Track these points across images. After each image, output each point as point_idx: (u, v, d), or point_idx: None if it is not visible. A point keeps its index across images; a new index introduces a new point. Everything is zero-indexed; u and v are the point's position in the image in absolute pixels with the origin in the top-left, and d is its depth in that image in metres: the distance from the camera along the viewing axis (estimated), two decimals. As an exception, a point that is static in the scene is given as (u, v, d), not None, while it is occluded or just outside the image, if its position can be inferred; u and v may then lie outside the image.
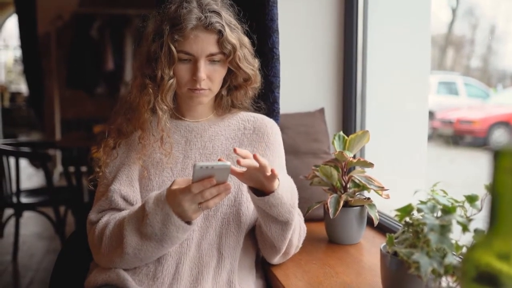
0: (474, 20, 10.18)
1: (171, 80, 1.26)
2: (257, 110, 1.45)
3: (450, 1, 9.73)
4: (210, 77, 1.26)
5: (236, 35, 1.27)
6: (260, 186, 1.15)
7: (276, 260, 1.31)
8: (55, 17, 5.85)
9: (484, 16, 9.72)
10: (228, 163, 1.05)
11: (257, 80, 1.36)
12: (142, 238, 1.14)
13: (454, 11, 10.04)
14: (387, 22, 1.88)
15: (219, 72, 1.28)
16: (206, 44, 1.23)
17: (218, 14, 1.25)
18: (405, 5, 1.91)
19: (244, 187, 1.29)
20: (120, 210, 1.25)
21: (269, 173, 1.10)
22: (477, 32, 10.44)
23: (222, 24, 1.24)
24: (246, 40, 1.33)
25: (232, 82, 1.35)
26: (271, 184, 1.13)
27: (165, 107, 1.28)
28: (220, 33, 1.24)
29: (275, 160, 1.36)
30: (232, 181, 1.28)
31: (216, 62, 1.26)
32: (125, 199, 1.25)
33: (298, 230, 1.31)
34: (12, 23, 9.26)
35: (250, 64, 1.32)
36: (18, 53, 6.67)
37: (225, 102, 1.39)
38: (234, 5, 1.34)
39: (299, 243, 1.35)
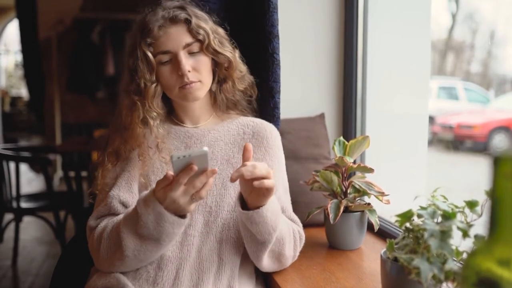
0: (474, 25, 10.20)
1: (154, 85, 1.27)
2: (255, 111, 1.45)
3: (450, 6, 9.76)
4: (195, 68, 1.27)
5: (205, 24, 1.29)
6: (249, 197, 1.14)
7: (266, 268, 1.29)
8: (56, 22, 5.87)
9: (484, 21, 9.74)
10: (205, 148, 1.04)
11: (240, 68, 1.36)
12: (140, 239, 1.14)
13: (454, 16, 10.07)
14: (387, 27, 1.88)
15: (203, 62, 1.28)
16: (178, 36, 1.25)
17: (181, 7, 1.29)
18: (405, 10, 1.91)
19: None
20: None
21: (269, 184, 1.08)
22: (477, 37, 10.46)
23: (188, 13, 1.27)
24: (220, 29, 1.34)
25: (219, 75, 1.35)
26: (260, 199, 1.12)
27: (155, 113, 1.28)
28: (187, 21, 1.27)
29: (274, 165, 1.36)
30: (233, 186, 1.29)
31: (196, 53, 1.27)
32: (124, 205, 1.25)
33: (291, 242, 1.29)
34: (13, 28, 9.29)
35: (228, 48, 1.33)
36: (19, 57, 6.69)
37: (220, 100, 1.38)
38: (205, 5, 1.37)
39: (295, 252, 1.33)
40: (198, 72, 1.27)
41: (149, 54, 1.24)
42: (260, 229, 1.15)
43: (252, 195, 1.13)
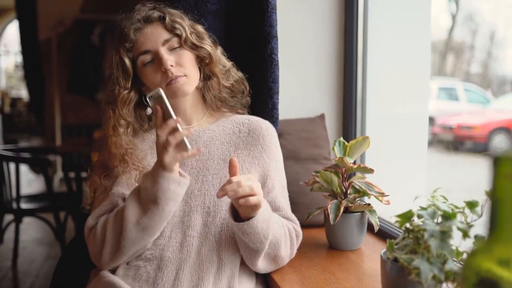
0: (474, 25, 10.21)
1: (126, 91, 1.27)
2: (247, 107, 1.47)
3: (450, 7, 9.76)
4: (178, 62, 1.27)
5: (181, 19, 1.31)
6: (239, 209, 1.16)
7: (262, 270, 1.30)
8: (56, 23, 5.87)
9: (484, 22, 9.75)
10: (158, 88, 1.15)
11: (222, 63, 1.37)
12: (141, 204, 1.15)
13: (454, 17, 10.07)
14: (387, 27, 1.89)
15: (185, 56, 1.28)
16: (154, 33, 1.27)
17: (153, 8, 1.31)
18: (405, 11, 1.91)
19: None
20: None
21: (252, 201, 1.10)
22: (477, 38, 10.47)
23: (161, 11, 1.30)
24: (198, 25, 1.35)
25: (204, 71, 1.35)
26: (249, 211, 1.15)
27: (123, 121, 1.28)
28: (161, 19, 1.29)
29: (271, 162, 1.36)
30: None
31: (177, 48, 1.28)
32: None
33: (287, 242, 1.30)
34: (13, 29, 9.30)
35: (207, 42, 1.33)
36: (19, 58, 6.69)
37: (209, 99, 1.38)
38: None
39: (292, 251, 1.34)
40: (182, 66, 1.27)
41: (126, 61, 1.26)
42: (252, 238, 1.18)
43: (241, 208, 1.16)
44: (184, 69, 1.27)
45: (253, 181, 1.12)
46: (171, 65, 1.25)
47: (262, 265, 1.27)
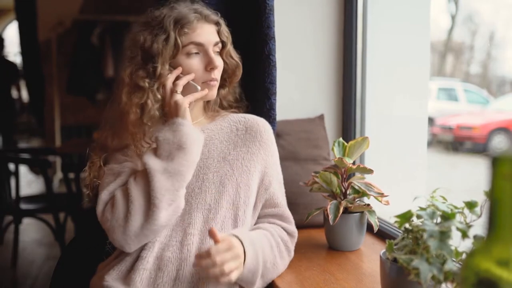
0: (474, 26, 10.21)
1: (167, 68, 1.27)
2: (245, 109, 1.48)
3: (449, 7, 9.77)
4: (218, 67, 1.32)
5: (227, 33, 1.36)
6: None
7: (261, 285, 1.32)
8: (56, 24, 5.87)
9: (483, 22, 9.75)
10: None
11: (240, 73, 1.41)
12: (164, 157, 1.18)
13: (453, 17, 10.07)
14: (387, 28, 1.89)
15: (221, 63, 1.34)
16: (210, 33, 1.31)
17: (209, 9, 1.35)
18: (404, 12, 1.91)
19: (242, 191, 1.31)
20: None
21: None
22: (477, 39, 10.47)
23: (217, 16, 1.34)
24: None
25: (224, 80, 1.40)
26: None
27: (158, 97, 1.26)
28: (217, 23, 1.33)
29: (269, 158, 1.38)
30: (231, 184, 1.30)
31: (217, 54, 1.33)
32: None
33: (282, 257, 1.33)
34: (12, 30, 9.29)
35: (238, 57, 1.39)
36: (18, 59, 6.68)
37: (213, 102, 1.42)
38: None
39: (289, 257, 1.36)
40: (218, 72, 1.33)
41: (178, 41, 1.27)
42: (242, 283, 1.22)
43: None
44: (219, 74, 1.33)
45: (231, 254, 1.13)
46: (218, 65, 1.30)
47: (261, 285, 1.28)
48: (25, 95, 6.24)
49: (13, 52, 8.88)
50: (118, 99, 1.29)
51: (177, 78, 1.27)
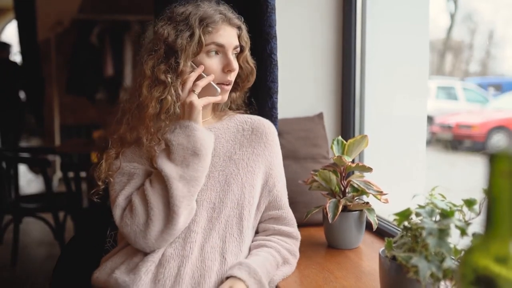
0: (473, 25, 10.21)
1: (190, 64, 1.28)
2: (252, 111, 1.49)
3: (448, 6, 9.77)
4: (235, 69, 1.32)
5: (247, 38, 1.38)
6: None
7: None
8: (55, 23, 5.87)
9: (482, 21, 9.75)
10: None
11: (253, 79, 1.43)
12: (178, 162, 1.19)
13: (452, 16, 10.08)
14: (386, 27, 1.89)
15: (237, 67, 1.34)
16: (232, 36, 1.32)
17: (232, 13, 1.35)
18: (403, 10, 1.91)
19: (247, 190, 1.31)
20: None
21: None
22: (476, 37, 10.47)
23: (240, 21, 1.35)
24: None
25: (237, 84, 1.41)
26: None
27: (176, 95, 1.27)
28: (239, 28, 1.34)
29: (273, 160, 1.38)
30: (236, 183, 1.30)
31: (234, 57, 1.34)
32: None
33: (290, 267, 1.34)
34: (11, 29, 9.28)
35: (253, 63, 1.41)
36: (18, 59, 6.68)
37: (223, 104, 1.43)
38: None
39: (295, 262, 1.37)
40: (234, 75, 1.34)
41: (203, 41, 1.27)
42: None
43: None
44: (233, 77, 1.34)
45: None
46: (236, 68, 1.31)
47: None
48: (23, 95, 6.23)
49: (13, 52, 8.87)
50: (138, 91, 1.29)
51: (198, 78, 1.27)
